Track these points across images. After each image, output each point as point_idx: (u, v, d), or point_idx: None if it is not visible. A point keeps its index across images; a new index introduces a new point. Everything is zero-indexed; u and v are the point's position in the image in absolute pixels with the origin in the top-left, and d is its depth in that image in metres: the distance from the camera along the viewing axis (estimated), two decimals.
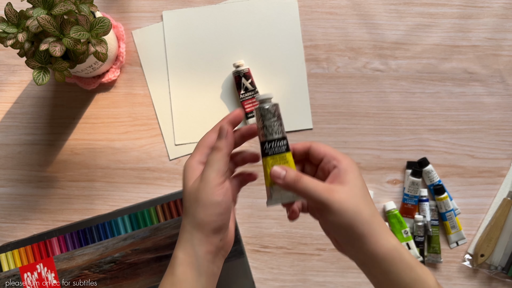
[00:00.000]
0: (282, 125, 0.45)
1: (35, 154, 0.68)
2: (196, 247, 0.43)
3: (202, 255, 0.43)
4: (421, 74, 0.68)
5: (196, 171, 0.44)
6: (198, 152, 0.45)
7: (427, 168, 0.66)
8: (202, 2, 0.70)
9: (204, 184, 0.43)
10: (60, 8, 0.54)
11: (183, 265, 0.43)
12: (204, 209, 0.42)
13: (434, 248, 0.65)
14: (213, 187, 0.42)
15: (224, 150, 0.43)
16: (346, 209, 0.40)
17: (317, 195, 0.40)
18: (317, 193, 0.40)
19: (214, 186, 0.42)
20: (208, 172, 0.43)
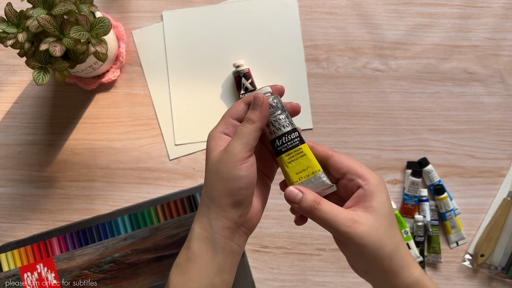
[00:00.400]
0: (289, 116, 0.42)
1: (35, 154, 0.68)
2: (212, 221, 0.40)
3: (218, 230, 0.40)
4: (421, 74, 0.68)
5: (220, 142, 0.41)
6: (222, 123, 0.42)
7: (427, 168, 0.66)
8: (202, 2, 0.70)
9: (227, 156, 0.39)
10: (60, 8, 0.54)
11: (198, 240, 0.41)
12: (223, 182, 0.39)
13: (434, 248, 0.65)
14: (237, 161, 0.39)
15: (257, 124, 0.40)
16: (369, 244, 0.37)
17: (337, 226, 0.37)
18: (338, 225, 0.37)
19: (238, 160, 0.39)
20: (234, 145, 0.39)
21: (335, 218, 0.38)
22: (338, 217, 0.38)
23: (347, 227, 0.37)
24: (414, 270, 0.39)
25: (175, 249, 0.65)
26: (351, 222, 0.37)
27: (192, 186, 0.67)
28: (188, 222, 0.65)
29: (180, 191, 0.66)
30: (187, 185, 0.67)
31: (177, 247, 0.65)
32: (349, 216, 0.38)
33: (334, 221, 0.38)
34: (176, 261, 0.42)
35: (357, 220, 0.37)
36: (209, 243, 0.40)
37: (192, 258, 0.40)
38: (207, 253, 0.40)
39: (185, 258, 0.41)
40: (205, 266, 0.40)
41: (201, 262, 0.40)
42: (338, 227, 0.37)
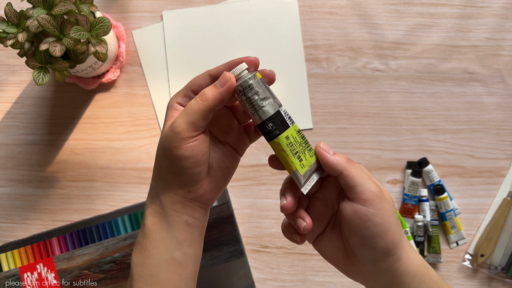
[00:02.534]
0: (273, 94, 0.37)
1: (35, 154, 0.68)
2: (161, 196, 0.38)
3: (168, 205, 0.38)
4: (421, 74, 0.68)
5: (174, 113, 0.38)
6: (181, 91, 0.39)
7: (427, 168, 0.66)
8: (202, 2, 0.70)
9: (170, 133, 0.36)
10: (60, 8, 0.54)
11: (151, 215, 0.39)
12: (167, 160, 0.37)
13: (434, 248, 0.65)
14: (180, 140, 0.36)
15: (209, 103, 0.36)
16: (379, 210, 0.35)
17: (364, 182, 0.36)
18: (364, 181, 0.36)
19: (181, 139, 0.36)
20: (178, 122, 0.36)
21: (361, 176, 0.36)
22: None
23: (371, 185, 0.36)
24: (417, 254, 0.38)
25: None
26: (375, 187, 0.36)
27: None
28: None
29: None
30: None
31: None
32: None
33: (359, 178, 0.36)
34: (136, 240, 0.40)
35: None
36: (162, 217, 0.39)
37: (148, 234, 0.39)
38: (161, 228, 0.39)
39: (142, 235, 0.39)
40: (161, 241, 0.38)
41: (157, 237, 0.39)
42: (364, 182, 0.36)
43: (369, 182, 0.36)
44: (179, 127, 0.36)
